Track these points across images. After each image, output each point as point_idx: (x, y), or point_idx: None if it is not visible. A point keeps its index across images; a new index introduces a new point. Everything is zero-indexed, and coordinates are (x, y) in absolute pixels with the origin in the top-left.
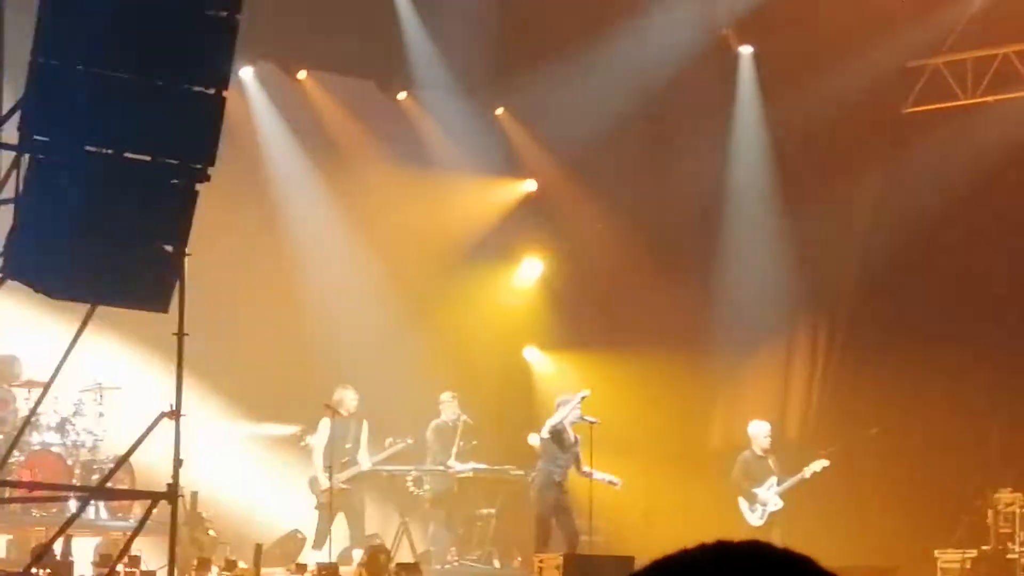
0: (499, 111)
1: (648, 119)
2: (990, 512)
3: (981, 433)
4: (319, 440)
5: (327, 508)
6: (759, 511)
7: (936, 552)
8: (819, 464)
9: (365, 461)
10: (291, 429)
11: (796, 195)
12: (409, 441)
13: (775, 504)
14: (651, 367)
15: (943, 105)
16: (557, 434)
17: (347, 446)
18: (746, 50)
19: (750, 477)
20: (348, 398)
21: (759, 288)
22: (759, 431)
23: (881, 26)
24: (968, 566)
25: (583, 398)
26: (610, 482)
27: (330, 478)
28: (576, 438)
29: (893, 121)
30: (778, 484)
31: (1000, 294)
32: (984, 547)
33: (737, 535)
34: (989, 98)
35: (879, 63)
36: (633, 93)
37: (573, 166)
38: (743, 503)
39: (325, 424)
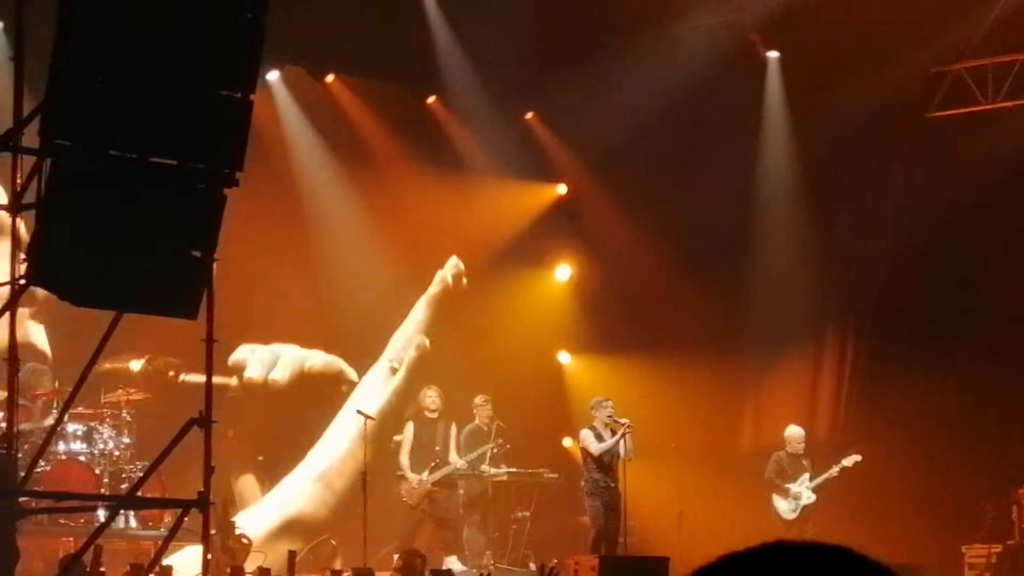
0: (529, 115)
1: (677, 124)
2: (1014, 507)
3: (1004, 429)
4: (405, 442)
5: (415, 511)
6: (792, 504)
7: (963, 548)
8: (852, 459)
9: (458, 461)
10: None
11: (823, 199)
12: (507, 446)
13: (808, 497)
14: (682, 370)
15: (965, 110)
16: (594, 440)
17: (436, 448)
18: (773, 55)
19: (784, 475)
20: (430, 397)
21: (788, 292)
22: (793, 435)
23: (905, 31)
24: (994, 560)
25: None
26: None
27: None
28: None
29: (918, 125)
30: (811, 480)
31: (1023, 295)
32: (1009, 542)
33: (770, 535)
34: (1009, 103)
35: (903, 68)
36: (662, 98)
37: (603, 170)
38: (776, 498)
39: (410, 427)
